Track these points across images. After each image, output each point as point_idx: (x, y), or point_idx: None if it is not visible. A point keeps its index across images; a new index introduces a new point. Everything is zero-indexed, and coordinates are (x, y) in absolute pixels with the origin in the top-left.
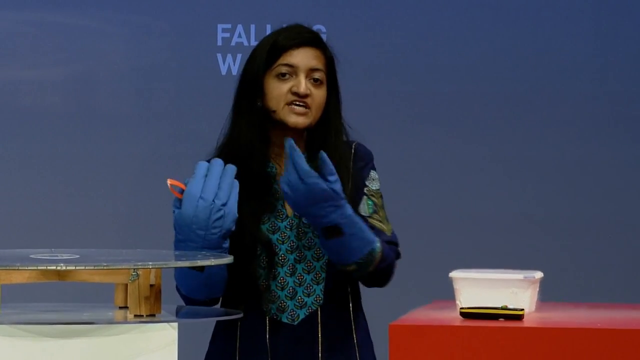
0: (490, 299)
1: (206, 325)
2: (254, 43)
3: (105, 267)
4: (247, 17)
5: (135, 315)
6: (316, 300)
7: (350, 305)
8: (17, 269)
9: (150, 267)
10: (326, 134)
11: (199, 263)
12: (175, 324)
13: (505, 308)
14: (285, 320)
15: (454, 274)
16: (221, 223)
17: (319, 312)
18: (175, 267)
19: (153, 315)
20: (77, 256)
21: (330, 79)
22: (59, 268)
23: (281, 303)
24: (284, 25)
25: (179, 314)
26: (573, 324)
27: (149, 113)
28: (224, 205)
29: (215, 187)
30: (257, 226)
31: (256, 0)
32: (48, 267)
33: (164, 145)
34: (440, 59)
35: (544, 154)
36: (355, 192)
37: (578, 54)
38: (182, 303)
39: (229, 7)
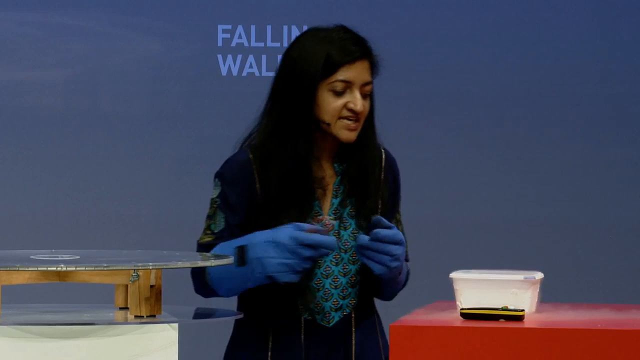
0: (491, 300)
1: (207, 326)
2: (254, 44)
3: (105, 268)
4: (247, 18)
5: (136, 316)
6: (351, 303)
7: (375, 308)
8: (18, 270)
9: (151, 267)
10: (362, 136)
11: (200, 264)
12: (176, 325)
13: (506, 309)
14: (320, 322)
15: (454, 275)
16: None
17: (353, 315)
18: (196, 270)
19: (153, 316)
20: (78, 257)
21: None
22: (59, 269)
23: (317, 305)
24: (330, 28)
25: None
26: (573, 324)
27: (149, 114)
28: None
29: (308, 251)
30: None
31: (256, 1)
32: (48, 268)
33: (165, 146)
34: (440, 60)
35: (544, 155)
36: (388, 203)
37: (578, 55)
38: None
39: (229, 8)
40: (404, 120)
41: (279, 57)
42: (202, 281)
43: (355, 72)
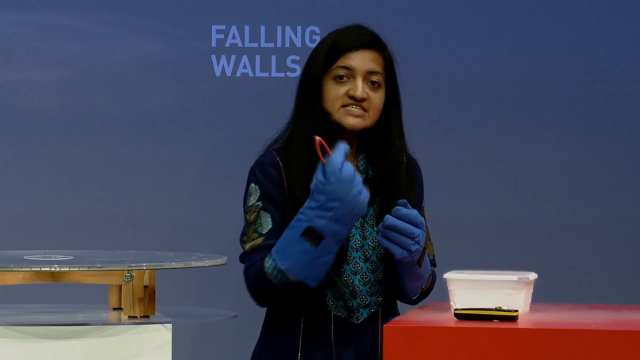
0: (485, 300)
1: (201, 326)
2: (248, 44)
3: (99, 269)
4: (241, 18)
5: (130, 317)
6: (378, 300)
7: (397, 308)
8: (12, 270)
9: (145, 268)
10: (387, 136)
11: (193, 264)
12: (170, 325)
13: (500, 309)
14: (348, 318)
15: (448, 275)
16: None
17: (380, 312)
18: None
19: (147, 317)
20: (71, 257)
21: (389, 81)
22: (53, 269)
23: (346, 301)
24: (344, 26)
25: (173, 315)
26: (567, 325)
27: (144, 114)
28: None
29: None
30: None
31: (250, 2)
32: (42, 269)
33: (160, 146)
34: (438, 61)
35: (537, 155)
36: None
37: (577, 55)
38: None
39: (223, 8)
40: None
41: (273, 57)
42: (270, 286)
43: (358, 60)
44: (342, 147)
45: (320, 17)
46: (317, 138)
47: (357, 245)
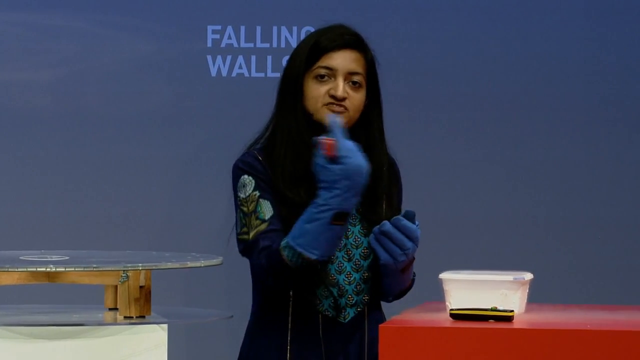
0: (480, 301)
1: (197, 326)
2: (244, 45)
3: (95, 269)
4: (237, 18)
5: (125, 317)
6: (364, 299)
7: (381, 307)
8: (7, 271)
9: (140, 268)
10: (368, 137)
11: (189, 264)
12: (165, 326)
13: (495, 309)
14: (336, 317)
15: (443, 276)
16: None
17: (366, 311)
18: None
19: (143, 317)
20: (67, 257)
21: (370, 81)
22: (48, 269)
23: (333, 301)
24: (326, 25)
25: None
26: (563, 325)
27: (139, 115)
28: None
29: None
30: None
31: (246, 2)
32: (38, 269)
33: (155, 147)
34: (435, 61)
35: (531, 155)
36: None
37: (572, 54)
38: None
39: (219, 8)
40: (394, 121)
41: (269, 57)
42: (282, 265)
43: (339, 60)
44: (339, 129)
45: (316, 18)
46: (321, 139)
47: (340, 245)
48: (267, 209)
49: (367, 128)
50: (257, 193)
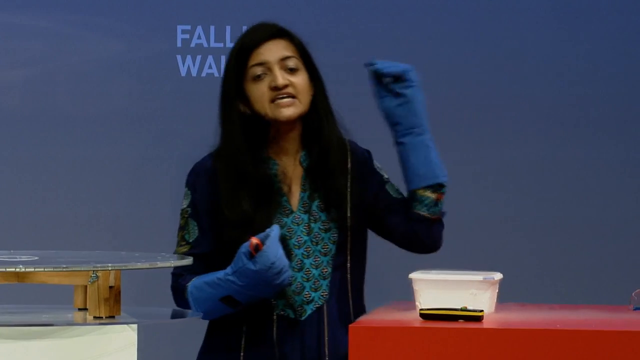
0: (450, 301)
1: (167, 327)
2: (213, 44)
3: (64, 269)
4: (206, 18)
5: (95, 317)
6: (322, 295)
7: (351, 301)
8: None
9: (110, 268)
10: (319, 121)
11: (159, 264)
12: (135, 326)
13: (465, 309)
14: (292, 316)
15: (413, 275)
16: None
17: (325, 308)
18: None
19: (112, 317)
20: (36, 258)
21: (307, 63)
22: (18, 270)
23: (289, 298)
24: (247, 28)
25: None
26: (532, 325)
27: (108, 115)
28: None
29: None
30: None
31: (216, 2)
32: (7, 269)
33: (124, 146)
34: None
35: (511, 156)
36: (369, 184)
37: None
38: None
39: (189, 8)
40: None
41: None
42: (182, 298)
43: (267, 51)
44: (276, 236)
45: (285, 18)
46: (254, 241)
47: (300, 242)
48: (192, 231)
49: (316, 112)
50: (189, 210)
